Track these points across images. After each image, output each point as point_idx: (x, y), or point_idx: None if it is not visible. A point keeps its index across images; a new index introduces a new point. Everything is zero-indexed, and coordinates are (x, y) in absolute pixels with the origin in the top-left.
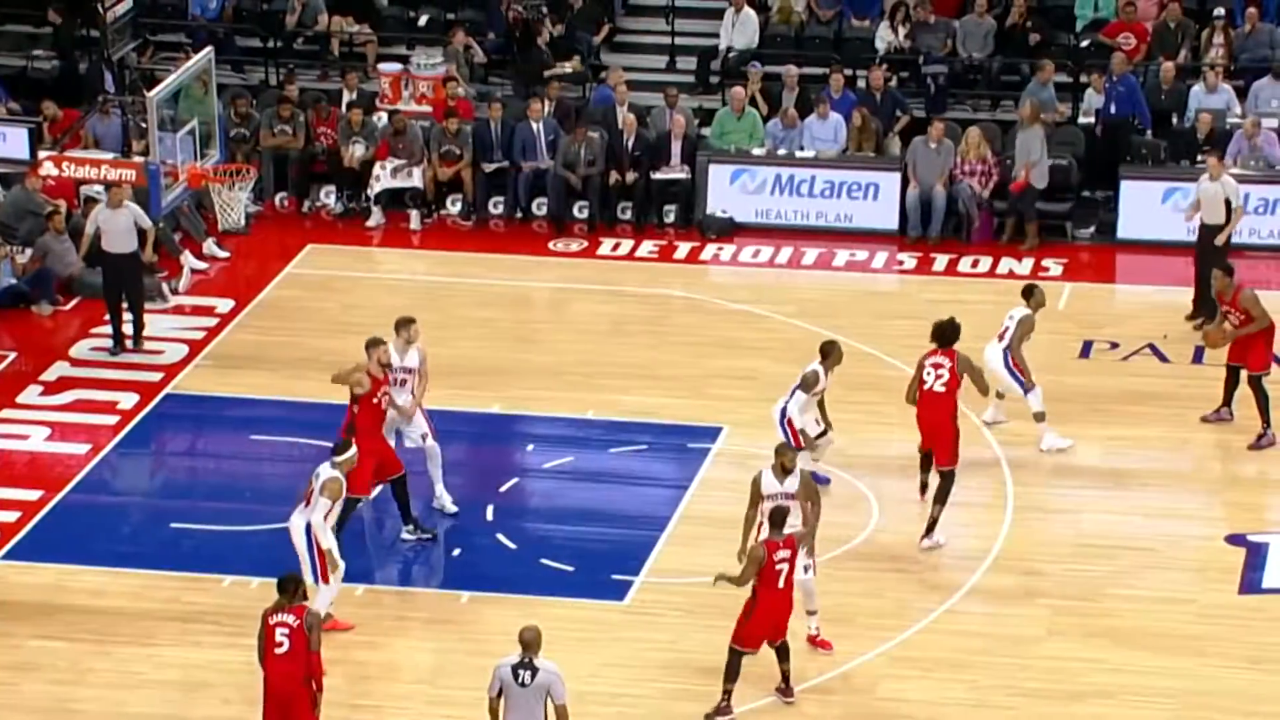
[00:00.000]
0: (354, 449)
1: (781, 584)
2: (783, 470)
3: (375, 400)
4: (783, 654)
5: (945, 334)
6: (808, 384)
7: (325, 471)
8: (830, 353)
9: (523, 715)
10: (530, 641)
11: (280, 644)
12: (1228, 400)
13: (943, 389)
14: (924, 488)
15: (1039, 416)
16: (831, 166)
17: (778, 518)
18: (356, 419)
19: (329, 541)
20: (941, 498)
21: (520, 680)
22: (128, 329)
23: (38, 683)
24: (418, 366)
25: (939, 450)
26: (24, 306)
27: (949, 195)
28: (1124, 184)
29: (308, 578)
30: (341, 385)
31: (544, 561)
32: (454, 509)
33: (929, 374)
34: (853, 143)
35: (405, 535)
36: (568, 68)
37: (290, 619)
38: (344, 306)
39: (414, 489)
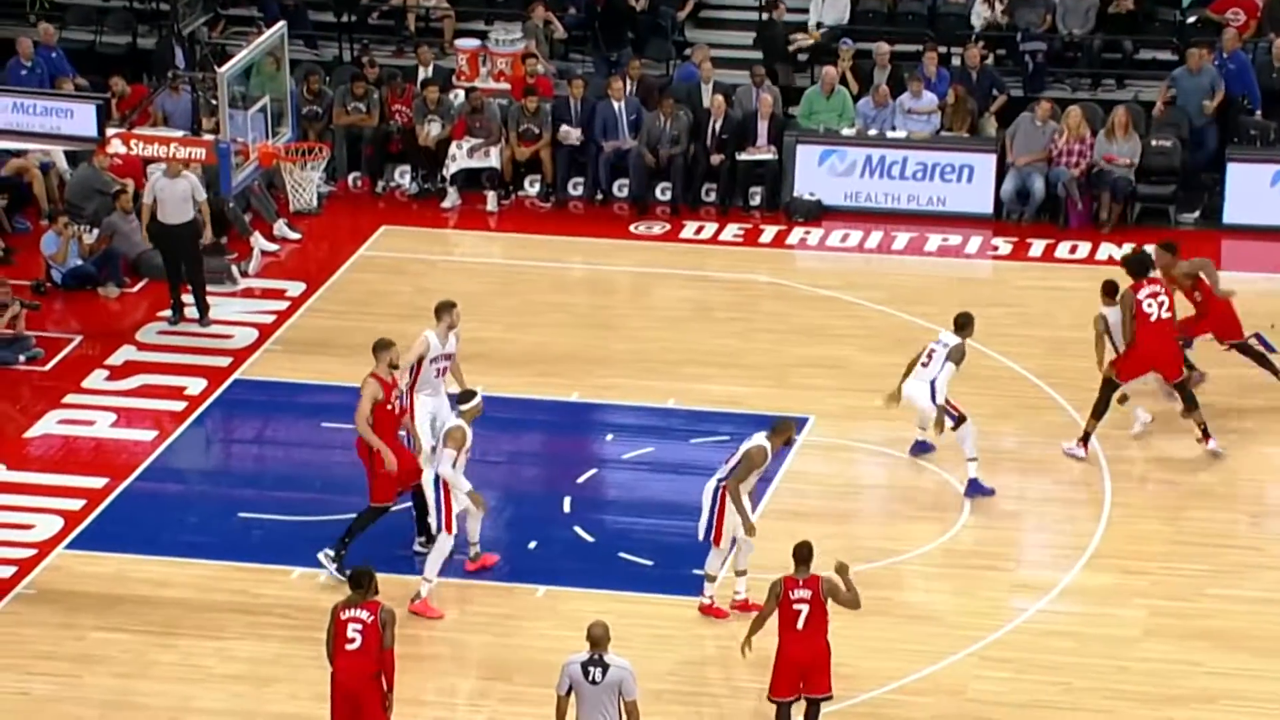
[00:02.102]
0: (479, 398)
1: (800, 625)
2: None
3: (389, 406)
4: (811, 715)
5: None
6: (956, 357)
7: (449, 420)
8: (967, 324)
9: (594, 713)
10: (599, 638)
11: (352, 640)
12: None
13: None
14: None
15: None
16: (924, 148)
17: (803, 553)
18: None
19: (464, 485)
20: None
21: (591, 678)
22: (188, 300)
23: (101, 675)
24: (455, 353)
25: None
26: (90, 288)
27: (1047, 178)
28: (1231, 166)
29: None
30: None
31: (623, 555)
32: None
33: (1149, 305)
34: (947, 123)
35: (417, 548)
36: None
37: (364, 614)
38: (418, 290)
39: None
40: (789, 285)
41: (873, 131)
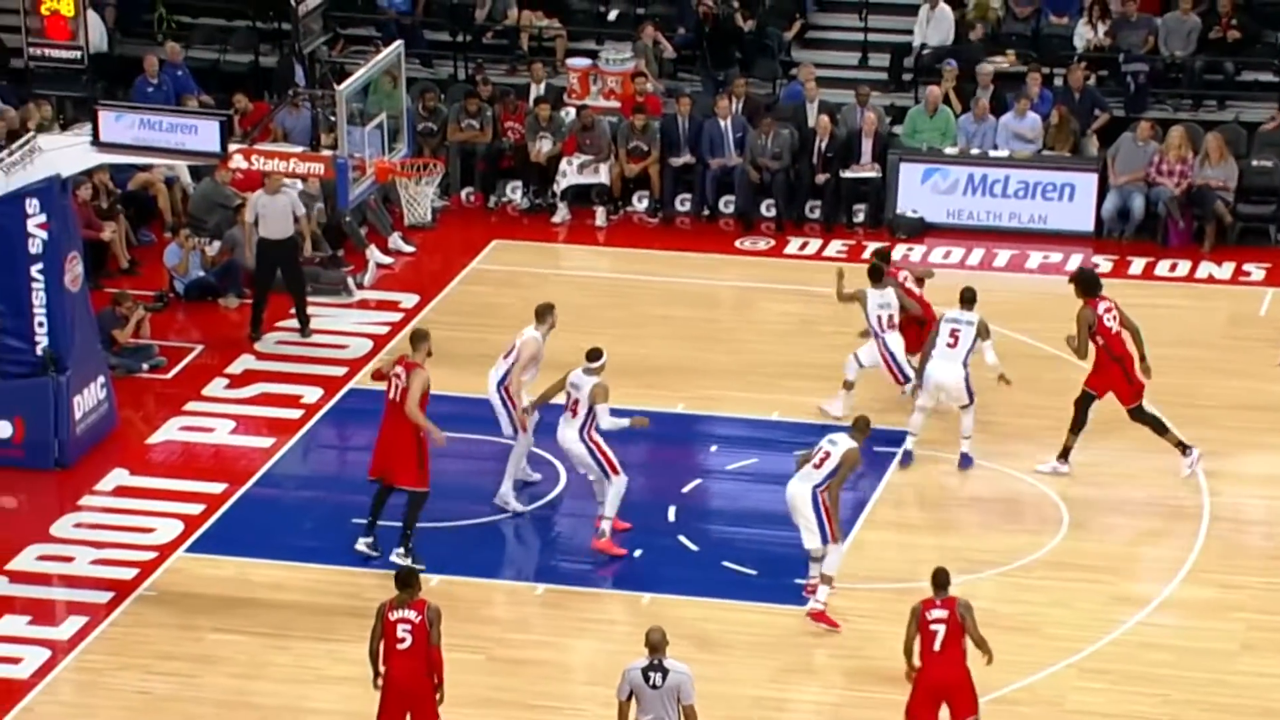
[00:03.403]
0: (605, 355)
1: (938, 647)
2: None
3: (389, 374)
4: None
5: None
6: (985, 332)
7: (584, 381)
8: (975, 298)
9: (654, 717)
10: (658, 643)
11: (402, 640)
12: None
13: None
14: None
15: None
16: (1026, 166)
17: (940, 578)
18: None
19: (624, 421)
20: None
21: (651, 683)
22: (277, 316)
23: (219, 675)
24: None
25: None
26: (211, 299)
27: (1148, 197)
28: None
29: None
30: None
31: (726, 564)
32: (519, 508)
33: (1110, 319)
34: (1049, 142)
35: (362, 546)
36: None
37: (412, 614)
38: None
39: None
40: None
41: (975, 150)
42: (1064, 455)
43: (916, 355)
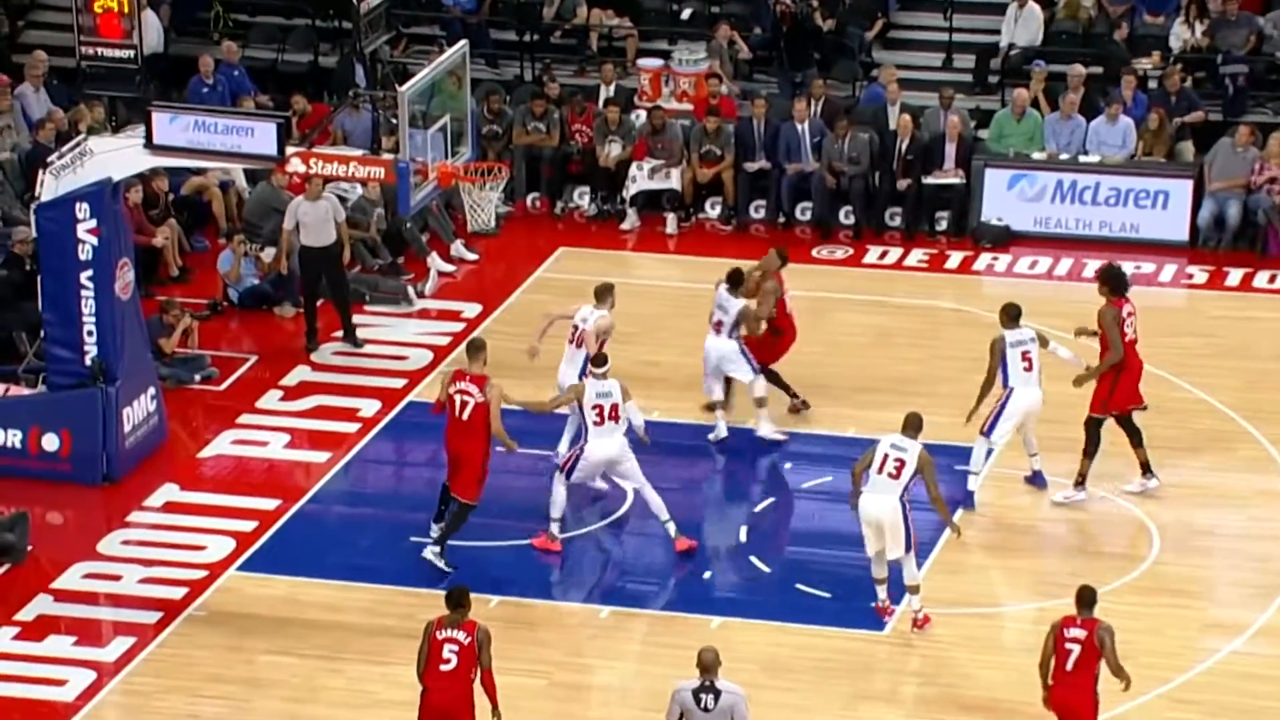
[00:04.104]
0: (609, 362)
1: (1070, 666)
2: None
3: (451, 392)
4: None
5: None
6: (1043, 341)
7: (614, 385)
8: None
9: None
10: (710, 664)
11: (448, 660)
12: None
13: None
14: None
15: (761, 402)
16: (1118, 172)
17: (1086, 596)
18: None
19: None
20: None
21: (703, 705)
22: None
23: (270, 699)
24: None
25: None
26: (266, 308)
27: (1245, 205)
28: None
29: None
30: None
31: (799, 587)
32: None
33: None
34: (1143, 147)
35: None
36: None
37: (461, 635)
38: None
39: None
40: (974, 312)
41: (1064, 155)
42: (1146, 470)
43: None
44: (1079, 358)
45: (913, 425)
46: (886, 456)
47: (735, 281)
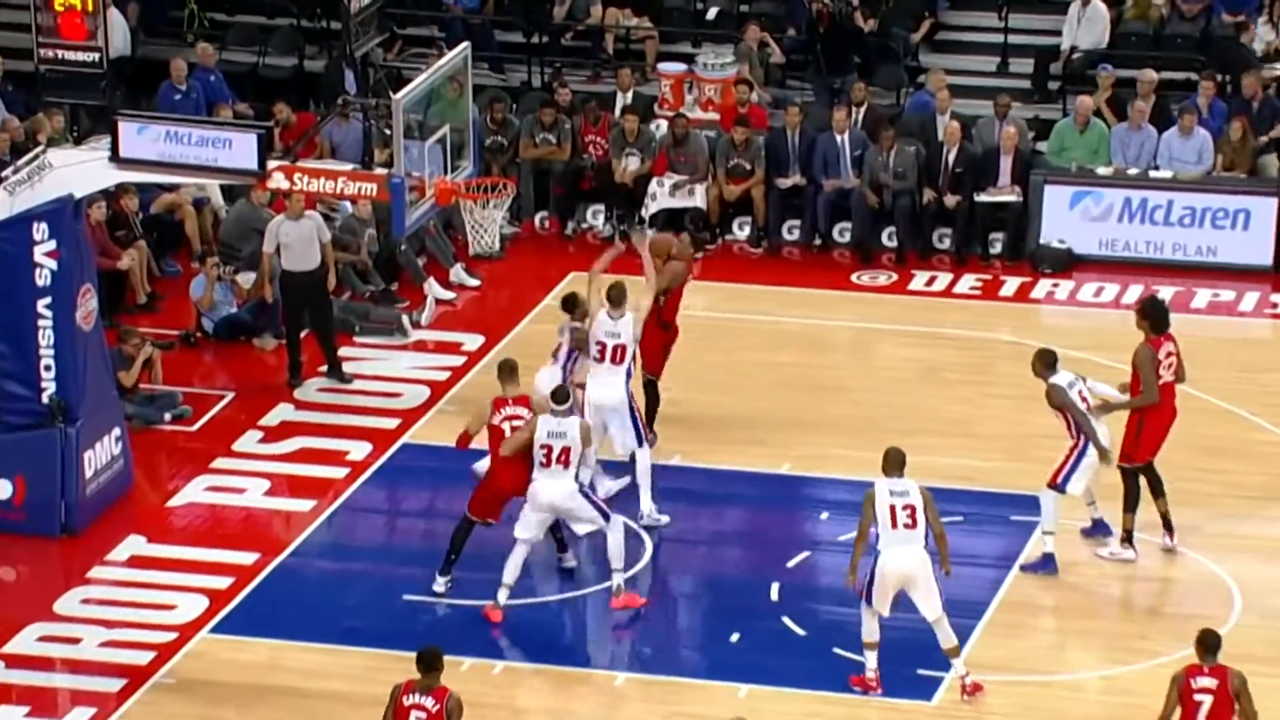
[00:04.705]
0: (571, 398)
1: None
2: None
3: (497, 422)
4: None
5: None
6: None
7: (569, 425)
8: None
9: None
10: None
11: None
12: None
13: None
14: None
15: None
16: (1193, 189)
17: (1210, 642)
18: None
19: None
20: None
21: None
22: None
23: None
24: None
25: None
26: (245, 339)
27: None
28: None
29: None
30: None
31: (838, 651)
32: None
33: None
34: (1221, 161)
35: (437, 587)
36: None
37: (429, 703)
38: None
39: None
40: (1032, 345)
41: (1133, 170)
42: (1168, 528)
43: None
44: (1117, 390)
45: (897, 464)
46: (893, 508)
47: (570, 306)
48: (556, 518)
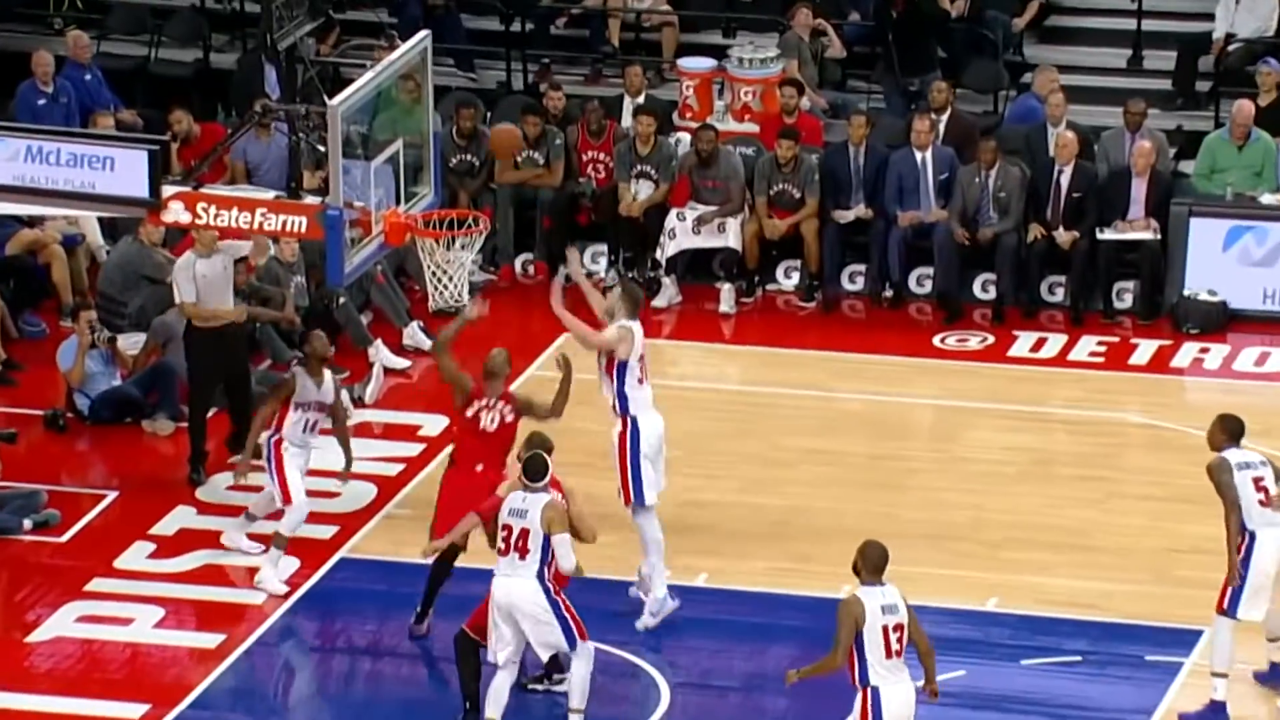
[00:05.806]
0: (548, 474)
1: None
2: None
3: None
4: None
5: None
6: None
7: (532, 503)
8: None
9: None
10: None
11: None
12: None
13: None
14: None
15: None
16: None
17: None
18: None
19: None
20: None
21: None
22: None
23: None
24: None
25: None
26: (132, 421)
27: None
28: None
29: None
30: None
31: None
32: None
33: None
34: None
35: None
36: None
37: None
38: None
39: None
40: (1174, 429)
41: None
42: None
43: None
44: None
45: (879, 566)
46: (886, 629)
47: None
48: None
